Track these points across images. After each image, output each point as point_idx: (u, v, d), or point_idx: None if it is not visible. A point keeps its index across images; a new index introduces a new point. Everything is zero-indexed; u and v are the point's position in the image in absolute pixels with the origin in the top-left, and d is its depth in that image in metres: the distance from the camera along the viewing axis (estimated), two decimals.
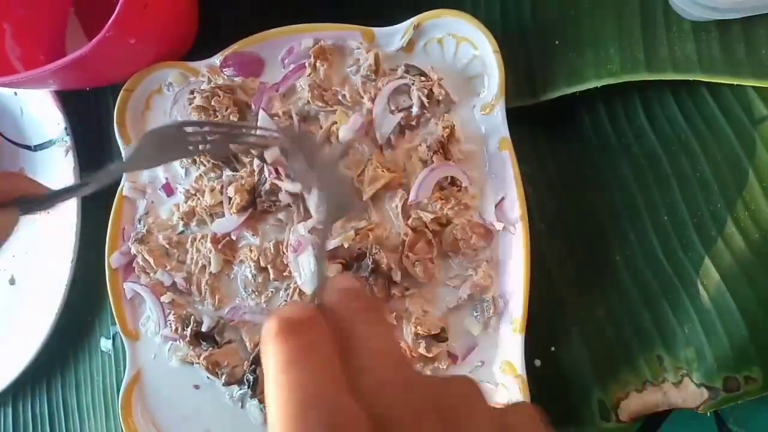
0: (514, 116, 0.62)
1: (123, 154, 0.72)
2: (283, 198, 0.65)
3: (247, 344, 0.67)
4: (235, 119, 0.67)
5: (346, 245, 0.62)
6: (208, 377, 0.67)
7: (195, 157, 0.69)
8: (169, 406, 0.69)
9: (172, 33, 0.71)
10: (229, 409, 0.68)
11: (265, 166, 0.66)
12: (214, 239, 0.68)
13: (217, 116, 0.67)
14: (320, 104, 0.65)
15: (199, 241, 0.69)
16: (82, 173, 0.77)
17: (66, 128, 0.78)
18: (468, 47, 0.64)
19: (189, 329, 0.67)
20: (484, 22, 0.62)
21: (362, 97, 0.65)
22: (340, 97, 0.66)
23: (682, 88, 0.63)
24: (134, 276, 0.71)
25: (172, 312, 0.69)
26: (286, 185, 0.64)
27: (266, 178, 0.65)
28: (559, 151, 0.67)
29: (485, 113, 0.63)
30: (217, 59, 0.70)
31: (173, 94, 0.72)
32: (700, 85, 0.61)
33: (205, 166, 0.69)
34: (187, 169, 0.71)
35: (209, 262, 0.68)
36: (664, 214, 0.63)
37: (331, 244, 0.62)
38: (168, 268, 0.69)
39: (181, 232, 0.71)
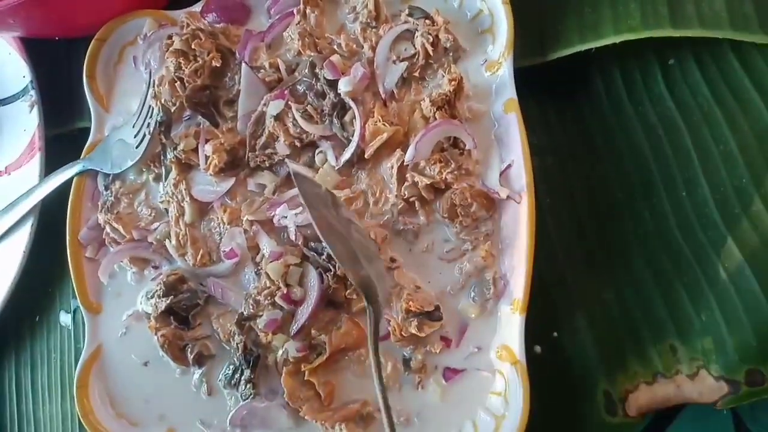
0: (518, 81, 0.56)
1: (92, 110, 0.66)
2: (281, 149, 0.60)
3: (219, 334, 0.60)
4: (218, 65, 0.61)
5: None
6: (162, 355, 0.61)
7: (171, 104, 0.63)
8: (129, 387, 0.62)
9: None
10: (190, 395, 0.61)
11: (266, 116, 0.60)
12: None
13: (198, 61, 0.61)
14: (313, 53, 0.59)
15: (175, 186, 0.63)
16: (47, 130, 0.71)
17: (31, 81, 0.72)
18: None
19: (169, 299, 0.60)
20: None
21: (362, 46, 0.59)
22: (335, 46, 0.60)
23: (706, 52, 0.58)
24: (104, 250, 0.65)
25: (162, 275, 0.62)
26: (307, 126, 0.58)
27: (264, 129, 0.60)
28: (568, 119, 0.62)
29: (492, 72, 0.57)
30: (197, 6, 0.64)
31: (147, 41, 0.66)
32: (728, 50, 0.56)
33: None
34: None
35: (183, 213, 0.62)
36: (682, 189, 0.57)
37: (300, 219, 0.57)
38: (141, 226, 0.64)
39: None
